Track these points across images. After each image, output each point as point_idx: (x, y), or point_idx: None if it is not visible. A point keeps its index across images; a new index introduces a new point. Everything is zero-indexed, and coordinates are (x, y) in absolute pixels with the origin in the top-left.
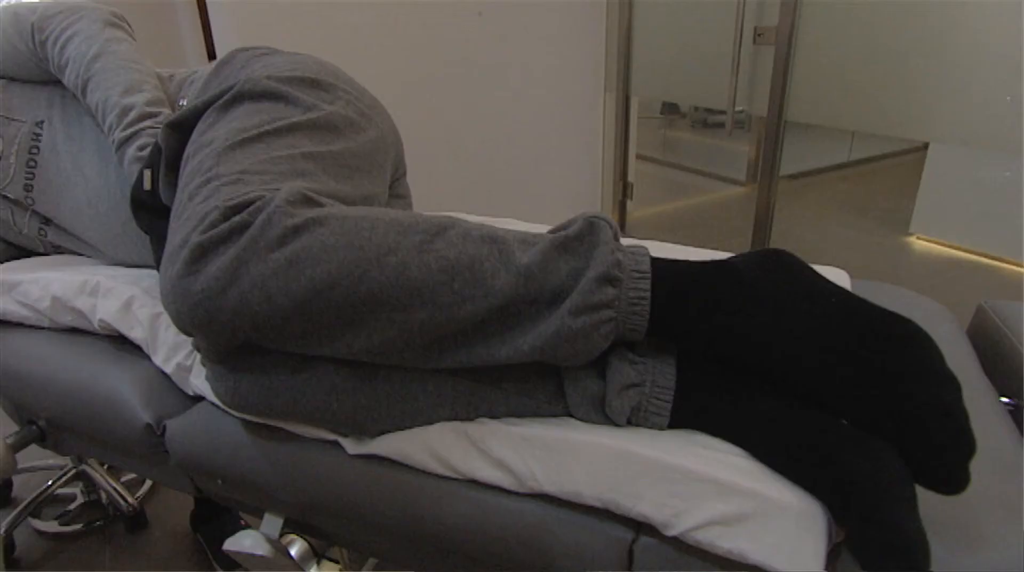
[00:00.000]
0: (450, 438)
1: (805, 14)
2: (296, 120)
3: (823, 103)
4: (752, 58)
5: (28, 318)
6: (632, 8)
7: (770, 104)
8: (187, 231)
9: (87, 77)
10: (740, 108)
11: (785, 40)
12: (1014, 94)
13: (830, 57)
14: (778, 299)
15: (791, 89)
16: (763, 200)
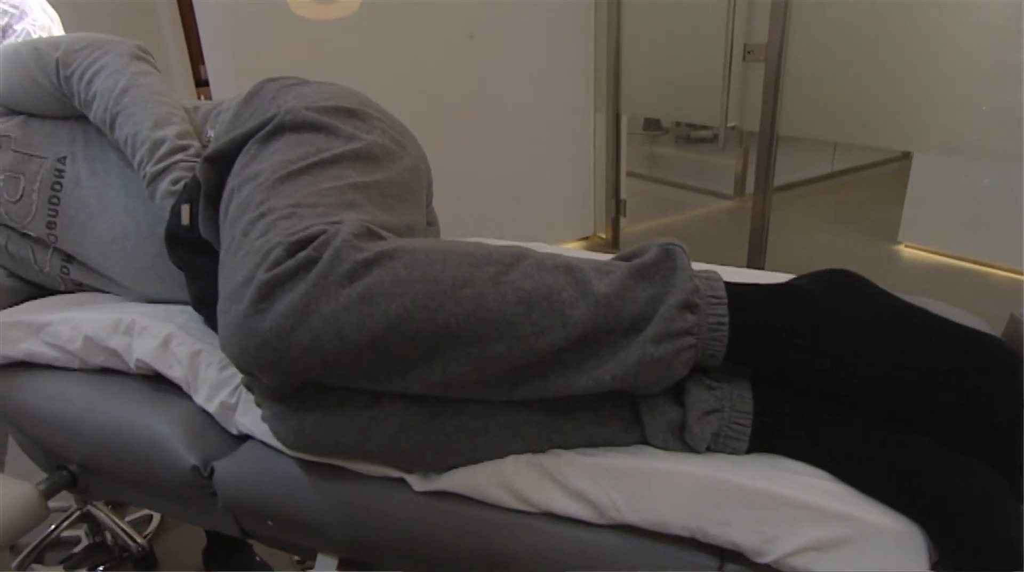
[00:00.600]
0: (524, 470)
1: (794, 31)
2: (339, 151)
3: (814, 117)
4: (742, 75)
5: (57, 359)
6: (620, 30)
7: (762, 119)
8: (250, 268)
9: (116, 111)
10: (732, 124)
11: (775, 57)
12: (993, 104)
13: (819, 72)
14: (857, 321)
15: (782, 104)
16: (758, 212)
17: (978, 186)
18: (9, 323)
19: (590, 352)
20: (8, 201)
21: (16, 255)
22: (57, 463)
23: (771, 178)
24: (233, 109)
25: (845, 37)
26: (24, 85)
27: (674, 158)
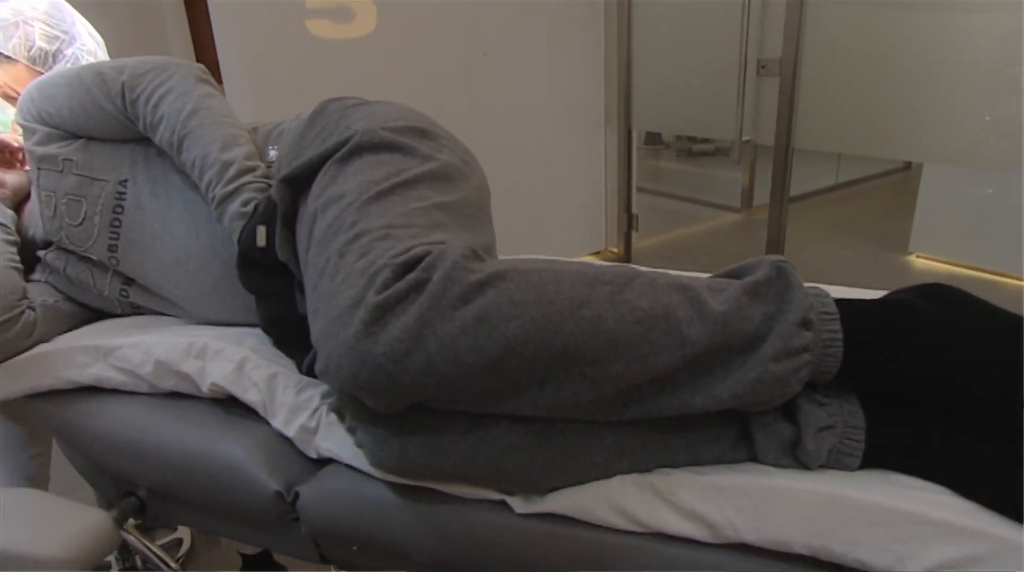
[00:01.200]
0: (632, 491)
1: (807, 46)
2: (419, 171)
3: (828, 130)
4: (755, 89)
5: (125, 384)
6: (631, 47)
7: (777, 133)
8: (356, 290)
9: (183, 134)
10: (746, 137)
11: (790, 71)
12: (996, 115)
13: (833, 86)
14: (970, 336)
15: (797, 118)
16: (774, 224)
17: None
18: (76, 348)
19: (704, 370)
20: (70, 224)
21: (75, 279)
22: (125, 489)
23: (787, 190)
24: (295, 129)
25: (858, 51)
26: (87, 109)
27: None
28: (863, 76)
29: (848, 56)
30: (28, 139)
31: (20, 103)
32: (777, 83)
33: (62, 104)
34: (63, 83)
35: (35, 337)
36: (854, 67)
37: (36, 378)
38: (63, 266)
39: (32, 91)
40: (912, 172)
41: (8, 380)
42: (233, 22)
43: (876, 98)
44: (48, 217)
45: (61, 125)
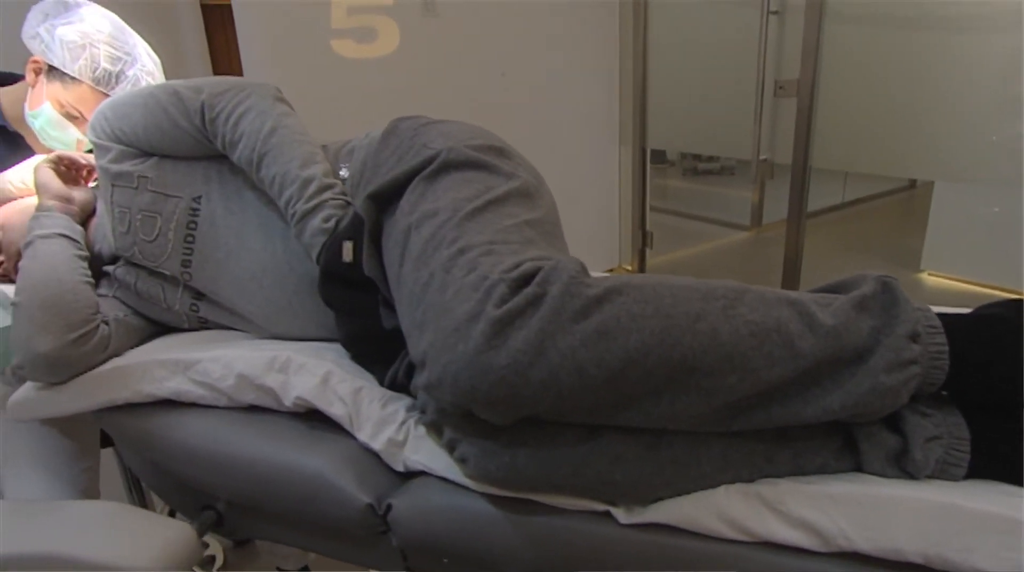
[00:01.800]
0: (739, 500)
1: (824, 67)
2: (506, 189)
3: (845, 149)
4: (772, 109)
5: (203, 398)
6: (646, 67)
7: (795, 152)
8: (472, 304)
9: (264, 151)
10: (763, 156)
11: (807, 92)
12: (1001, 134)
13: (849, 107)
14: None
15: (815, 137)
16: (791, 242)
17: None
18: (154, 362)
19: (813, 382)
20: (144, 240)
21: (144, 293)
22: (203, 503)
23: (804, 209)
24: (366, 147)
25: (873, 73)
26: (162, 127)
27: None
28: (878, 97)
29: (863, 77)
30: (102, 157)
31: (93, 122)
32: (794, 103)
33: (137, 123)
34: (138, 103)
35: (109, 351)
36: (869, 88)
37: (113, 391)
38: (133, 281)
39: (106, 111)
40: (917, 191)
41: (84, 393)
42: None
43: (890, 118)
44: (121, 233)
45: (135, 143)
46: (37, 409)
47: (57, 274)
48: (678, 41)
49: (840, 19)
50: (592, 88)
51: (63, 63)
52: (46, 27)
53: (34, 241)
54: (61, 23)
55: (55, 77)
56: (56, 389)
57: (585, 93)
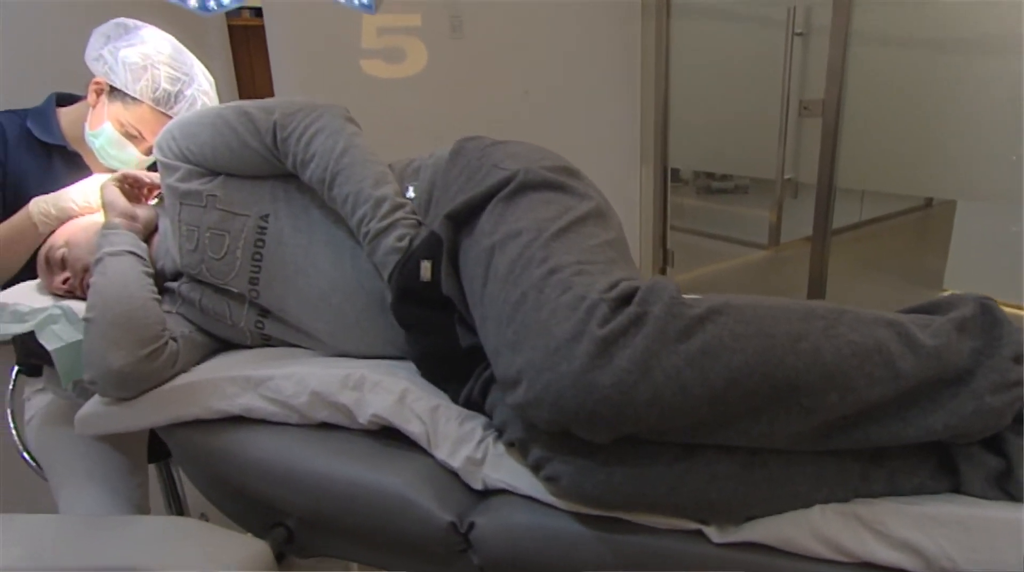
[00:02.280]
0: (835, 520)
1: (850, 87)
2: (585, 210)
3: (870, 169)
4: (797, 128)
5: (275, 414)
6: (668, 86)
7: (820, 172)
8: (573, 324)
9: (336, 171)
10: (788, 176)
11: (833, 112)
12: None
13: (875, 126)
14: None
15: (840, 157)
16: (816, 260)
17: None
18: (225, 378)
19: (912, 403)
20: (212, 257)
21: (209, 310)
22: (273, 520)
23: (829, 228)
24: (432, 166)
25: (897, 93)
26: (231, 147)
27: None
28: (902, 117)
29: (888, 97)
30: (169, 176)
31: (160, 142)
32: (818, 123)
33: (205, 142)
34: (206, 123)
35: (178, 367)
36: (894, 108)
37: (183, 407)
38: (198, 298)
39: (173, 131)
40: (934, 210)
41: (154, 408)
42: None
43: (915, 138)
44: (189, 250)
45: (203, 162)
46: (104, 424)
47: (128, 291)
48: (700, 61)
49: (865, 40)
50: (614, 107)
51: (125, 84)
52: (109, 49)
53: (104, 258)
54: (124, 45)
55: (116, 97)
56: (125, 405)
57: (607, 112)
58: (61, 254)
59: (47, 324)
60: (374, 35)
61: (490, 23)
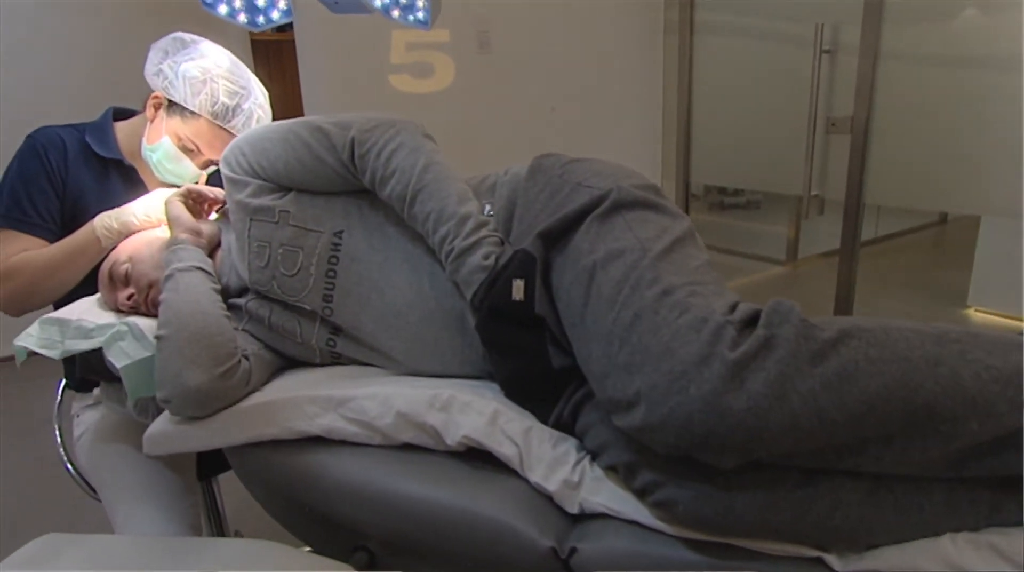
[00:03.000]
0: (970, 551)
1: (879, 104)
2: (681, 230)
3: (899, 185)
4: (823, 145)
5: (356, 436)
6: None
7: (848, 189)
8: (699, 347)
9: (419, 188)
10: (815, 192)
11: (861, 129)
12: None
13: (903, 142)
14: None
15: (868, 174)
16: (844, 277)
17: None
18: (305, 398)
19: None
20: (284, 274)
21: (278, 327)
22: (354, 544)
23: (858, 245)
24: (509, 183)
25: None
26: (304, 162)
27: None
28: (931, 133)
29: (917, 114)
30: (238, 191)
31: (228, 157)
32: (844, 139)
33: (277, 158)
34: (276, 138)
35: (251, 385)
36: (922, 125)
37: (260, 427)
38: (267, 314)
39: (242, 146)
40: (948, 226)
41: (229, 428)
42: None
43: (942, 154)
44: (259, 267)
45: (273, 178)
46: (176, 443)
47: (201, 307)
48: (724, 78)
49: (894, 57)
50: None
51: (184, 98)
52: (168, 64)
53: (174, 274)
54: (184, 59)
55: (175, 112)
56: (197, 424)
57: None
58: (125, 269)
59: (114, 341)
60: (403, 50)
61: (517, 39)
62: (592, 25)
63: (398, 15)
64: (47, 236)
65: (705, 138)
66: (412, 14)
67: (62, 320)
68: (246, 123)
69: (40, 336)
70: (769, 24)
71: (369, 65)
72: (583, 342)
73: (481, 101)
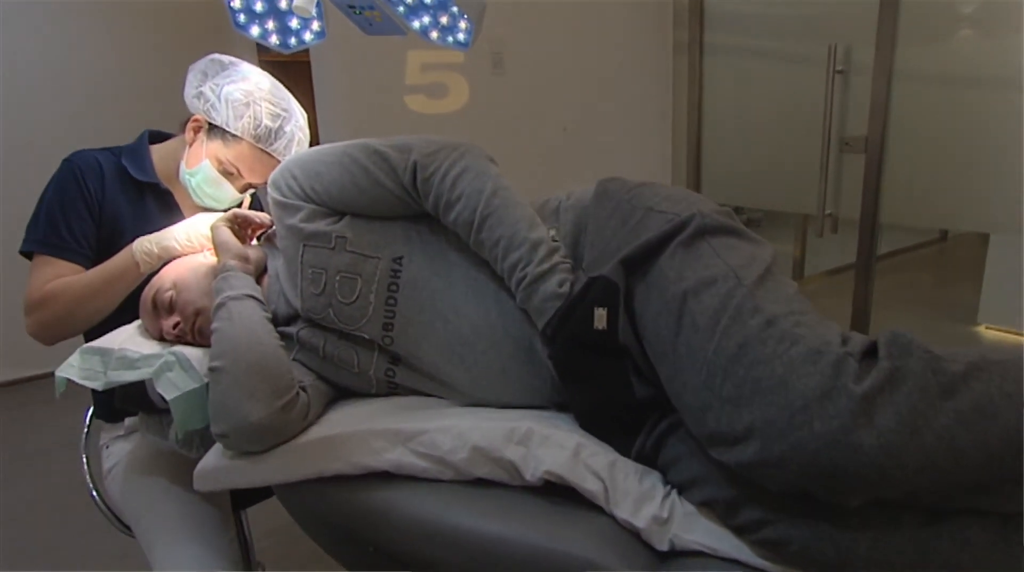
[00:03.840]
0: None
1: (893, 124)
2: (769, 257)
3: (913, 204)
4: (837, 164)
5: (427, 471)
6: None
7: (863, 208)
8: (820, 380)
9: (487, 213)
10: (828, 211)
11: (876, 148)
12: None
13: (917, 162)
14: None
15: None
16: (859, 295)
17: None
18: (370, 432)
19: None
20: (341, 302)
21: (333, 357)
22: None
23: (873, 264)
24: (574, 208)
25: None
26: (360, 186)
27: None
28: (944, 152)
29: (930, 133)
30: (289, 216)
31: (277, 180)
32: (859, 159)
33: (332, 181)
34: (330, 161)
35: (309, 419)
36: (936, 143)
37: (322, 463)
38: (321, 343)
39: (293, 169)
40: (948, 243)
41: (289, 463)
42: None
43: (957, 173)
44: (314, 294)
45: (328, 202)
46: (230, 479)
47: (257, 337)
48: (735, 98)
49: (908, 77)
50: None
51: (226, 121)
52: (210, 86)
53: (226, 302)
54: (226, 82)
55: (215, 135)
56: (254, 459)
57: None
58: (169, 297)
59: (163, 372)
60: (418, 71)
61: (530, 60)
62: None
63: (436, 36)
64: (83, 262)
65: (715, 158)
66: (452, 35)
67: (104, 350)
68: (287, 146)
69: (81, 366)
70: (779, 45)
71: (384, 85)
72: (675, 373)
73: (494, 121)
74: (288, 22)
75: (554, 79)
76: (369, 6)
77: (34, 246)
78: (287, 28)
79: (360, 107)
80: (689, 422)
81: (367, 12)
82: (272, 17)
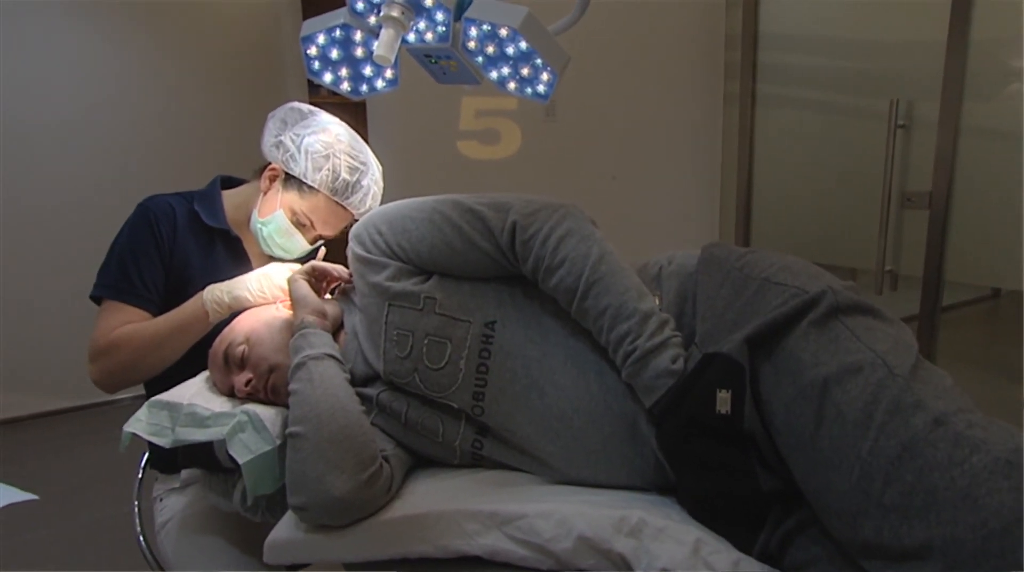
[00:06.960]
0: None
1: (959, 179)
2: (912, 340)
3: (979, 262)
4: (898, 220)
5: (524, 559)
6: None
7: (927, 265)
8: (1017, 499)
9: (594, 280)
10: (888, 268)
11: (942, 205)
12: None
13: (983, 218)
14: None
15: (948, 250)
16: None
17: None
18: (463, 513)
19: None
20: (428, 367)
21: (416, 424)
22: None
23: (938, 320)
24: (678, 275)
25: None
26: (453, 245)
27: None
28: (1011, 209)
29: (996, 189)
30: (374, 273)
31: (362, 236)
32: (921, 214)
33: (421, 239)
34: (420, 218)
35: (392, 492)
36: (1002, 200)
37: (409, 543)
38: (403, 410)
39: (379, 225)
40: (1001, 300)
41: (371, 541)
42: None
43: None
44: (398, 357)
45: (415, 260)
46: (305, 553)
47: (340, 403)
48: (788, 151)
49: (973, 133)
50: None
51: (304, 173)
52: (290, 136)
53: (306, 363)
54: (306, 133)
55: (292, 185)
56: (333, 534)
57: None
58: (242, 351)
59: (235, 432)
60: (472, 117)
61: (582, 107)
62: (655, 95)
63: (514, 87)
64: (151, 308)
65: (766, 211)
66: (532, 87)
67: (172, 404)
68: (363, 199)
69: (149, 421)
70: (835, 98)
71: (437, 131)
72: (813, 469)
73: (545, 168)
74: (362, 70)
75: (604, 127)
76: (447, 55)
77: (104, 291)
78: (360, 75)
79: (412, 151)
80: (832, 525)
81: (443, 62)
82: (346, 64)
